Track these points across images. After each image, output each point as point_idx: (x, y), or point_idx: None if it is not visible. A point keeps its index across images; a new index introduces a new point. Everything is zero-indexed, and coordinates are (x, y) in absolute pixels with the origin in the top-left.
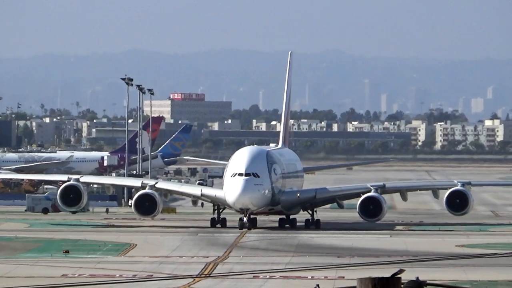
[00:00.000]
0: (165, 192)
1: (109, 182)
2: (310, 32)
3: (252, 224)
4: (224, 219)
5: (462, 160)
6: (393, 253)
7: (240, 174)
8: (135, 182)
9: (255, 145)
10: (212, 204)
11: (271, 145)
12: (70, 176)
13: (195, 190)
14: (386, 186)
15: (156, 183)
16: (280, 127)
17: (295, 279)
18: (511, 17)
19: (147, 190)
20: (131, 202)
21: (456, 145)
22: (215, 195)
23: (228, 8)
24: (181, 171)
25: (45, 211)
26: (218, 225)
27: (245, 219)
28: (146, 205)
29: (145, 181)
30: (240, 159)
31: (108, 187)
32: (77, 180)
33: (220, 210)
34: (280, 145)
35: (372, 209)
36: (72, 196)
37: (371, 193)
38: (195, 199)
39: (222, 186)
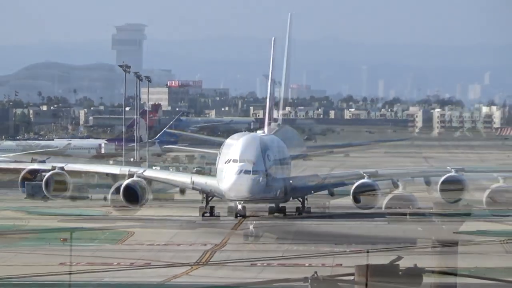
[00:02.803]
0: (153, 180)
1: (94, 170)
2: (307, 19)
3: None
4: (213, 207)
5: (459, 147)
6: (391, 240)
7: (235, 161)
8: (122, 170)
9: (247, 131)
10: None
11: (259, 132)
12: (55, 164)
13: (185, 178)
14: (379, 172)
15: (144, 171)
16: (276, 114)
17: (293, 267)
18: (505, 2)
19: (135, 179)
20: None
21: (454, 131)
22: (206, 183)
23: None
24: (178, 158)
25: (45, 198)
26: (207, 214)
27: (239, 206)
28: (134, 194)
29: (133, 169)
30: (234, 145)
31: (93, 175)
32: (62, 168)
33: (209, 199)
34: (266, 132)
35: (365, 196)
36: (58, 185)
37: (364, 180)
38: (183, 188)
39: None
